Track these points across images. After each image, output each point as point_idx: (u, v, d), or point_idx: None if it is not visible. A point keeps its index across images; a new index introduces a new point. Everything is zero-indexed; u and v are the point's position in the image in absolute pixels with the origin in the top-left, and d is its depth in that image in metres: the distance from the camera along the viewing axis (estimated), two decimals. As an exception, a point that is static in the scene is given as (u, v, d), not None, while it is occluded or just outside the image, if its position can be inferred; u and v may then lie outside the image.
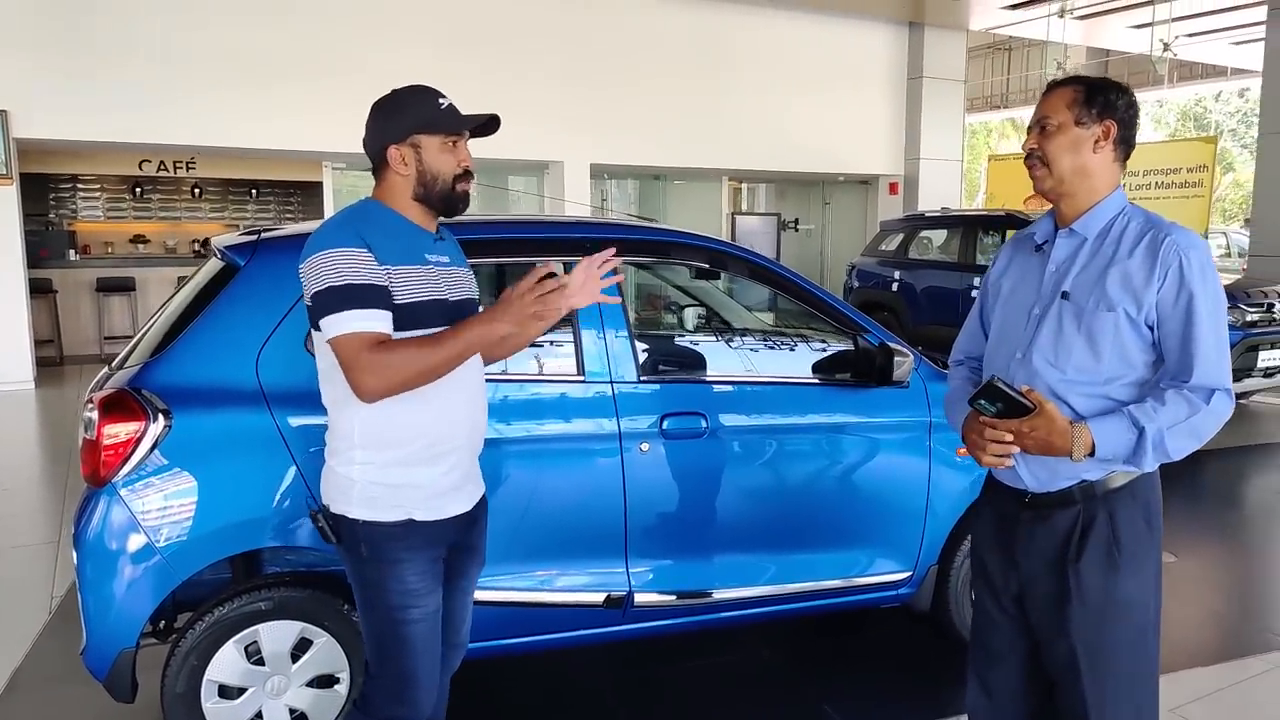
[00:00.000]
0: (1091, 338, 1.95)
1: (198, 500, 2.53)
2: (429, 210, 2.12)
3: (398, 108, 2.09)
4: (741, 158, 13.47)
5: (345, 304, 1.93)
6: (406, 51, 10.54)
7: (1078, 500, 2.00)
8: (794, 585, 3.23)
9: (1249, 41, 16.58)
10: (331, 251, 1.95)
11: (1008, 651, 2.18)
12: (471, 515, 2.24)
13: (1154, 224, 1.97)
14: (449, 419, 2.13)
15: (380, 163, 2.10)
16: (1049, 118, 1.99)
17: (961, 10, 13.80)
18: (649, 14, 12.16)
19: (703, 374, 3.37)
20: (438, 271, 2.10)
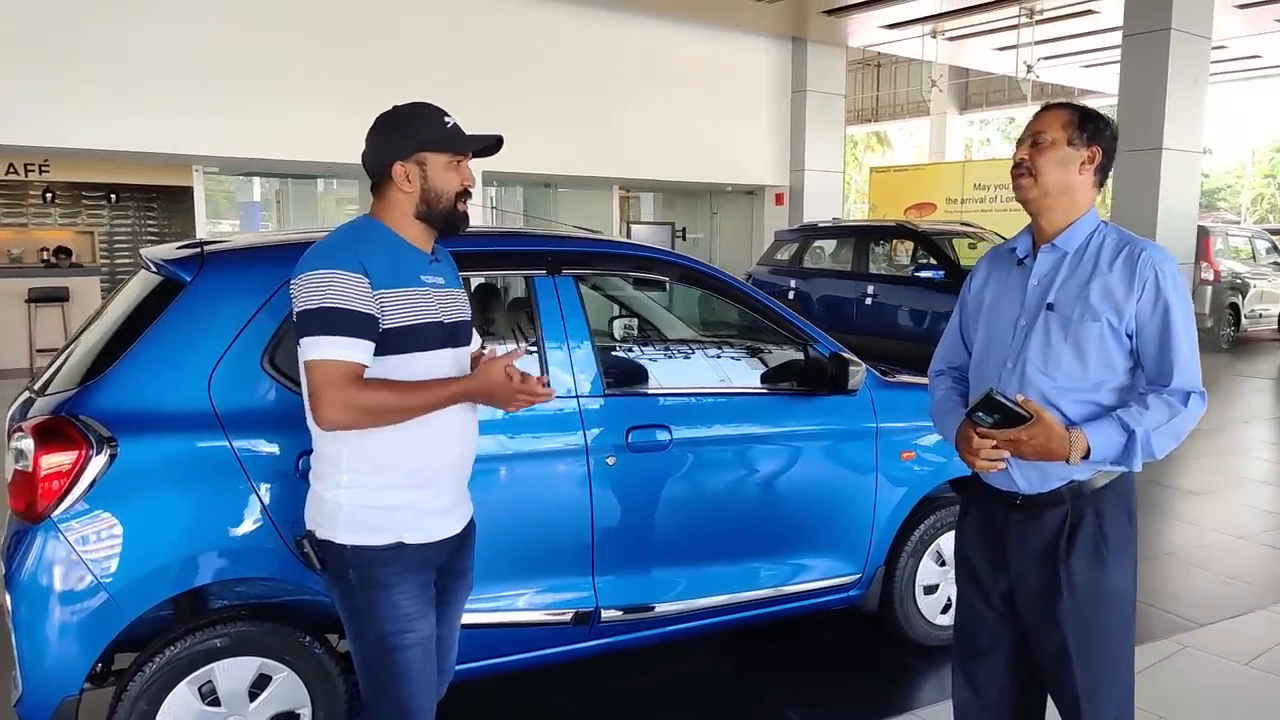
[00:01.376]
0: (1078, 346, 2.04)
1: (149, 532, 2.35)
2: (429, 229, 2.09)
3: (405, 124, 2.05)
4: (632, 167, 13.54)
5: (329, 329, 1.89)
6: (286, 51, 10.21)
7: (1066, 500, 2.09)
8: (757, 592, 3.25)
9: (1099, 65, 17.74)
10: (327, 272, 1.91)
11: (994, 647, 2.25)
12: (460, 538, 2.20)
13: (1128, 240, 2.09)
14: (439, 440, 2.08)
15: (383, 179, 2.06)
16: (1043, 133, 2.07)
17: (841, 28, 14.25)
18: (540, 22, 12.11)
19: (665, 386, 3.35)
20: (433, 293, 2.07)
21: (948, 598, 3.69)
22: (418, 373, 2.01)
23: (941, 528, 3.61)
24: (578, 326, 2.97)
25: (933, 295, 9.06)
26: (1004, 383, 2.11)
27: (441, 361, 2.07)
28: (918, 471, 3.51)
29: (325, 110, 10.38)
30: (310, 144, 10.51)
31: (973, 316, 2.28)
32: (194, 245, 2.71)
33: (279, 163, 11.37)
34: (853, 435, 3.38)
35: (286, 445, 2.49)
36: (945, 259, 9.22)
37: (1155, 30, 10.78)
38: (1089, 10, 13.39)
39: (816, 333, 3.39)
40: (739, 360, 3.75)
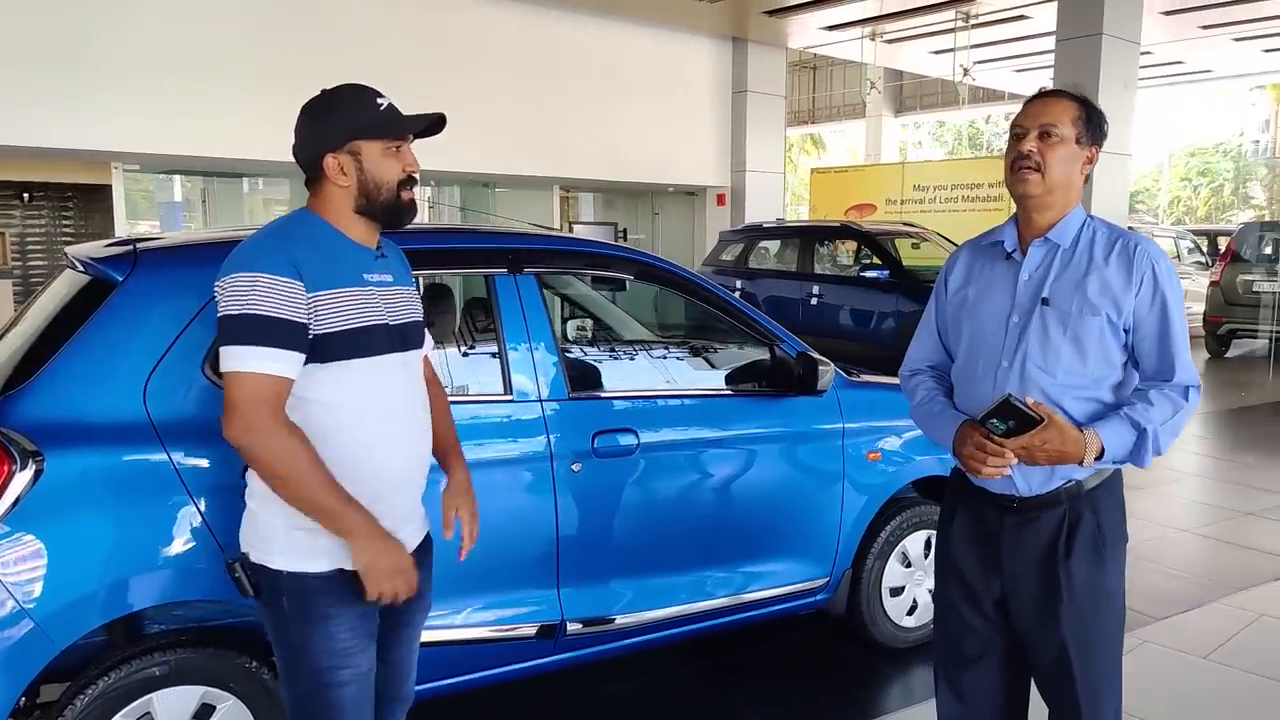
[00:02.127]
0: (1078, 341, 1.98)
1: (80, 554, 2.16)
2: (372, 223, 1.92)
3: (332, 110, 1.87)
4: (572, 166, 13.38)
5: (256, 338, 1.72)
6: (213, 45, 9.77)
7: (1064, 500, 2.03)
8: (728, 598, 3.16)
9: (1031, 69, 18.08)
10: (258, 275, 1.74)
11: (983, 654, 2.18)
12: (413, 558, 1.98)
13: (1119, 233, 2.03)
14: (388, 451, 1.91)
15: (315, 173, 1.88)
16: (1055, 126, 1.98)
17: (782, 29, 14.27)
18: (478, 18, 11.89)
19: (630, 388, 3.23)
20: (378, 293, 1.90)
21: (914, 599, 3.63)
22: (361, 382, 1.85)
23: (907, 529, 3.56)
24: (540, 327, 2.83)
25: (878, 295, 9.08)
26: (1001, 382, 2.03)
27: (388, 368, 1.90)
28: (883, 472, 3.45)
29: (254, 107, 9.99)
30: (238, 141, 10.10)
31: (954, 315, 2.19)
32: (125, 243, 2.51)
33: (204, 160, 10.95)
34: (820, 436, 3.30)
35: (230, 457, 2.27)
36: (889, 259, 9.26)
37: (1087, 35, 10.97)
38: (1022, 16, 13.59)
39: (783, 332, 3.30)
40: (703, 361, 3.65)
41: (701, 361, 3.65)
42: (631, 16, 13.22)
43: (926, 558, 3.63)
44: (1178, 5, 13.04)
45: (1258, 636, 3.86)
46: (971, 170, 13.86)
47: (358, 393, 1.85)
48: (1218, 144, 38.42)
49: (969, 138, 38.34)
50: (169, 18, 9.61)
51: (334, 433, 1.83)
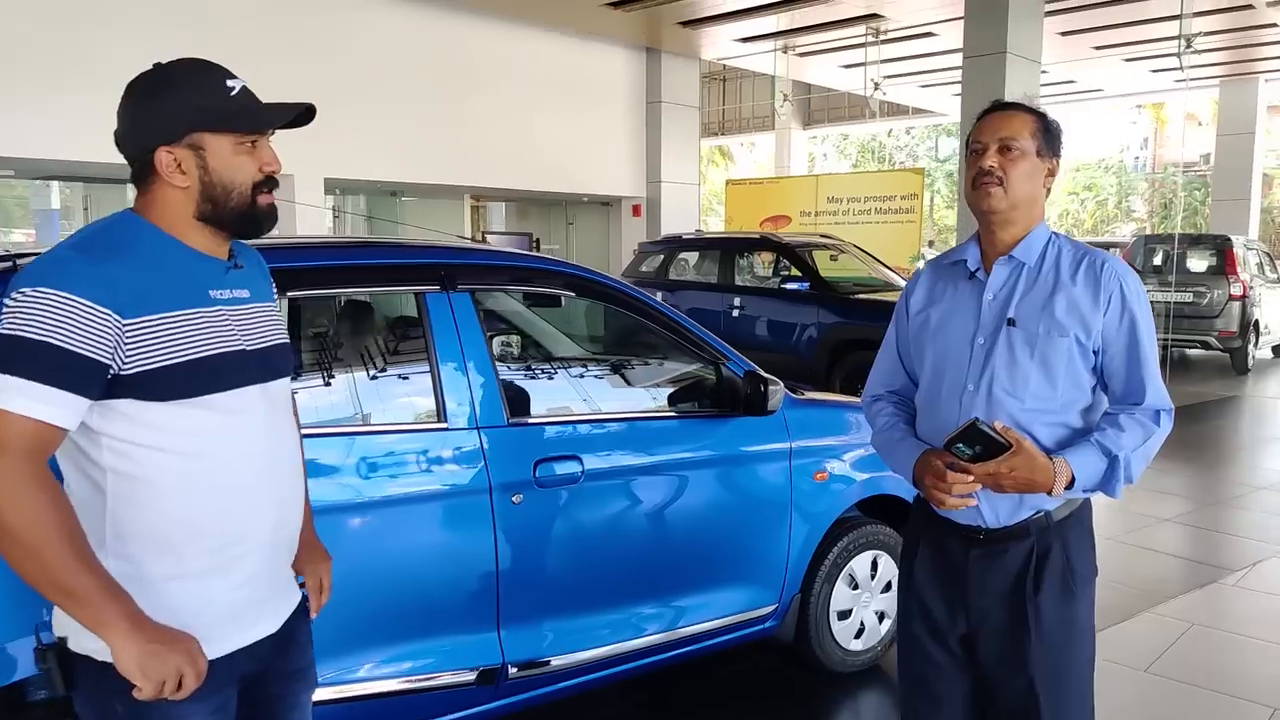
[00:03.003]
0: (1046, 364, 1.90)
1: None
2: (218, 232, 1.56)
3: (169, 93, 1.49)
4: (484, 175, 13.15)
5: (20, 367, 1.35)
6: (94, 42, 9.07)
7: (1032, 533, 1.95)
8: (680, 630, 3.02)
9: (935, 85, 18.57)
10: (52, 293, 1.37)
11: (950, 692, 2.08)
12: (286, 632, 1.67)
13: (1084, 250, 1.98)
14: (249, 505, 1.57)
15: (144, 169, 1.52)
16: (1015, 140, 1.91)
17: (695, 40, 14.32)
18: (389, 23, 11.57)
19: (572, 412, 3.07)
20: (228, 313, 1.55)
21: (861, 622, 3.55)
22: (211, 423, 1.50)
23: (853, 550, 3.48)
24: (477, 348, 2.66)
25: (798, 307, 9.07)
26: (966, 406, 1.94)
27: (248, 406, 1.55)
28: (831, 493, 3.37)
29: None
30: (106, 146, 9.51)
31: (916, 337, 2.10)
32: (4, 258, 2.21)
33: (87, 165, 10.28)
34: (769, 458, 3.20)
35: None
36: (809, 270, 9.27)
37: (992, 53, 11.26)
38: (929, 33, 13.90)
39: (729, 350, 3.19)
40: (645, 380, 3.51)
41: (644, 381, 3.51)
42: (545, 24, 13.08)
43: (873, 579, 3.56)
44: (1073, 26, 13.52)
45: (1192, 645, 3.92)
46: (884, 183, 14.13)
47: (208, 436, 1.51)
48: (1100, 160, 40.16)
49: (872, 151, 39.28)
50: (45, 13, 9.02)
51: (179, 487, 1.48)
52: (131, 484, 1.46)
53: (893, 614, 3.66)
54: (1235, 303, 11.89)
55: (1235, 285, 11.93)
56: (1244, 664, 3.76)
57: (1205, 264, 12.60)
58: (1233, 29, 13.90)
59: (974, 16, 11.43)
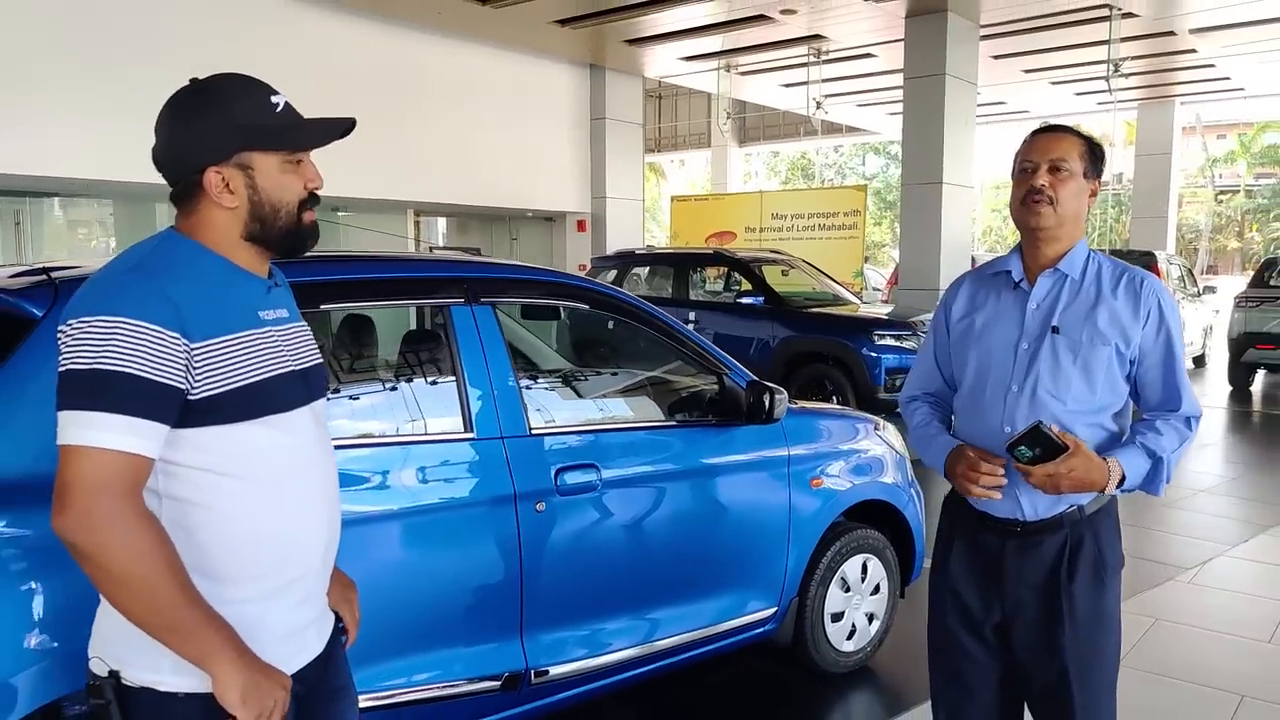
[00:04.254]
0: (1087, 369, 2.03)
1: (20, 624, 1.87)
2: (264, 252, 1.55)
3: (215, 111, 1.46)
4: (428, 190, 13.06)
5: (108, 403, 1.32)
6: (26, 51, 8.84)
7: (1065, 525, 2.07)
8: (688, 635, 3.09)
9: (871, 105, 19.04)
10: (120, 321, 1.34)
11: (984, 681, 2.18)
12: (327, 651, 1.67)
13: (1123, 267, 2.11)
14: (304, 530, 1.56)
15: (190, 189, 1.48)
16: (1064, 161, 2.03)
17: (639, 57, 14.47)
18: (327, 34, 11.43)
19: (587, 422, 3.13)
20: (275, 334, 1.54)
21: (853, 624, 3.66)
22: (273, 445, 1.50)
23: (845, 554, 3.59)
24: (499, 360, 2.70)
25: (753, 321, 9.24)
26: (1010, 406, 2.06)
27: (302, 427, 1.55)
28: (827, 498, 3.48)
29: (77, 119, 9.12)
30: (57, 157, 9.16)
31: (959, 342, 2.22)
32: (38, 273, 2.21)
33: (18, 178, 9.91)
34: (770, 465, 3.30)
35: None
36: (762, 285, 9.45)
37: (932, 75, 11.63)
38: (868, 54, 14.27)
39: (731, 362, 3.28)
40: (652, 391, 3.57)
41: (651, 392, 3.58)
42: (491, 40, 13.08)
43: (863, 582, 3.67)
44: (1006, 51, 14.02)
45: (1157, 638, 4.11)
46: (827, 199, 14.42)
47: (267, 458, 1.50)
48: (1022, 177, 41.62)
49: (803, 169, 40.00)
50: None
51: (240, 511, 1.47)
52: (192, 510, 1.44)
53: (882, 616, 3.78)
54: None
55: None
56: (1210, 655, 3.95)
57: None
58: (1154, 54, 14.54)
59: (914, 39, 11.79)
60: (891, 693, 3.66)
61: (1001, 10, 11.88)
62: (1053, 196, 2.02)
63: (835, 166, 42.42)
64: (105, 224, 13.45)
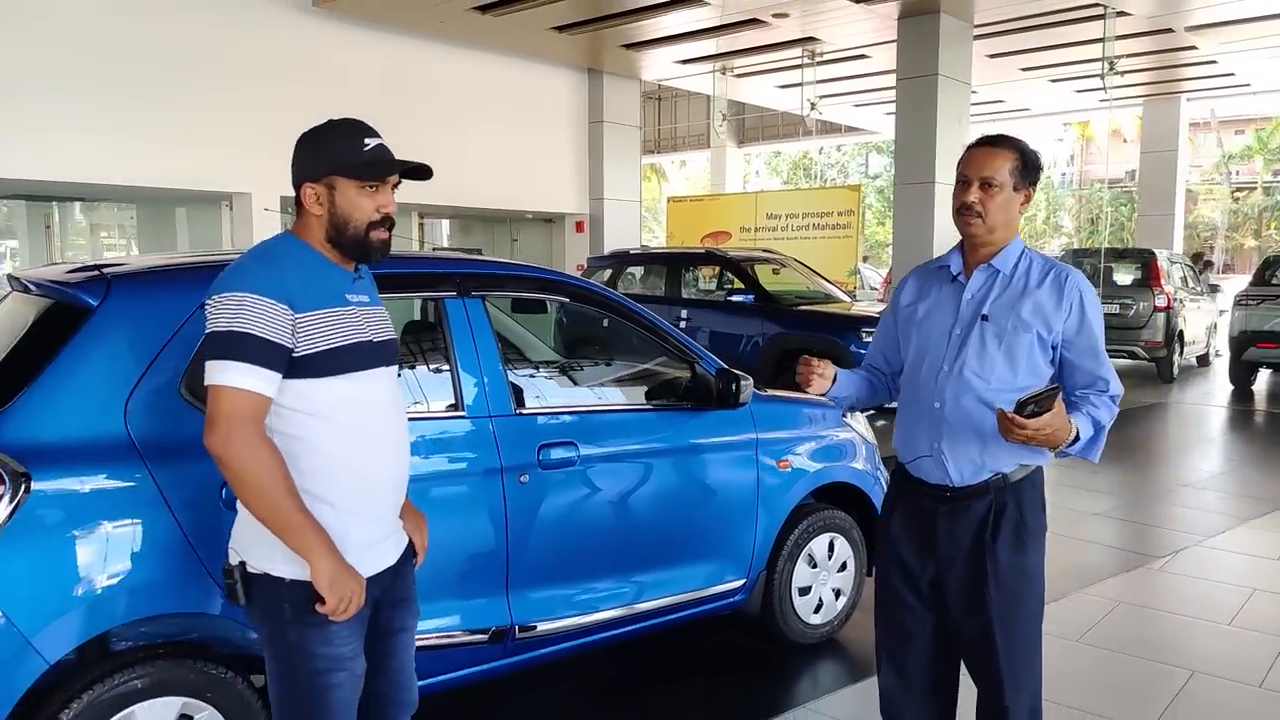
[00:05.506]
0: (1010, 354, 2.30)
1: (68, 570, 2.19)
2: (340, 252, 2.02)
3: (319, 144, 1.99)
4: (429, 192, 13.22)
5: (240, 354, 1.82)
6: (53, 61, 9.28)
7: (990, 491, 2.33)
8: (661, 600, 3.39)
9: (868, 105, 19.26)
10: (246, 295, 1.84)
11: (919, 630, 2.46)
12: (397, 566, 2.13)
13: (1051, 263, 2.37)
14: (378, 464, 2.03)
15: (297, 199, 2.01)
16: (995, 177, 2.28)
17: (636, 61, 14.74)
18: (334, 44, 11.75)
19: (566, 404, 3.42)
20: (359, 312, 2.02)
21: (819, 598, 3.94)
22: (353, 396, 1.96)
23: (812, 532, 3.87)
24: (488, 347, 3.00)
25: (744, 318, 9.52)
26: (942, 384, 2.33)
27: (376, 382, 2.02)
28: (793, 480, 3.76)
29: (101, 127, 9.59)
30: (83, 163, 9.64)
31: (904, 326, 2.51)
32: (92, 268, 2.55)
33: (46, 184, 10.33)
34: (738, 446, 3.59)
35: (209, 473, 2.35)
36: (753, 283, 9.72)
37: (925, 75, 11.85)
38: (862, 55, 14.52)
39: (703, 351, 3.58)
40: (629, 378, 3.87)
41: (628, 378, 3.87)
42: (490, 45, 13.36)
43: (830, 559, 3.95)
44: (1001, 50, 14.18)
45: (1119, 619, 4.35)
46: (821, 199, 14.67)
47: (352, 405, 1.96)
48: (1028, 176, 41.51)
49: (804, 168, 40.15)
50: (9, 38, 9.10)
51: (333, 444, 1.93)
52: (294, 443, 1.90)
53: (848, 592, 4.06)
54: (1160, 314, 12.34)
55: (1160, 297, 12.37)
56: (1166, 635, 4.19)
57: (1131, 277, 13.08)
58: (1155, 51, 14.51)
59: (907, 40, 11.96)
60: (855, 662, 3.92)
61: (995, 10, 11.97)
62: (982, 211, 2.29)
63: (838, 166, 42.56)
64: (127, 228, 13.84)
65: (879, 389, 2.62)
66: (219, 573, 2.32)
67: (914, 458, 2.42)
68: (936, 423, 2.34)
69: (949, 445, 2.31)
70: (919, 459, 2.40)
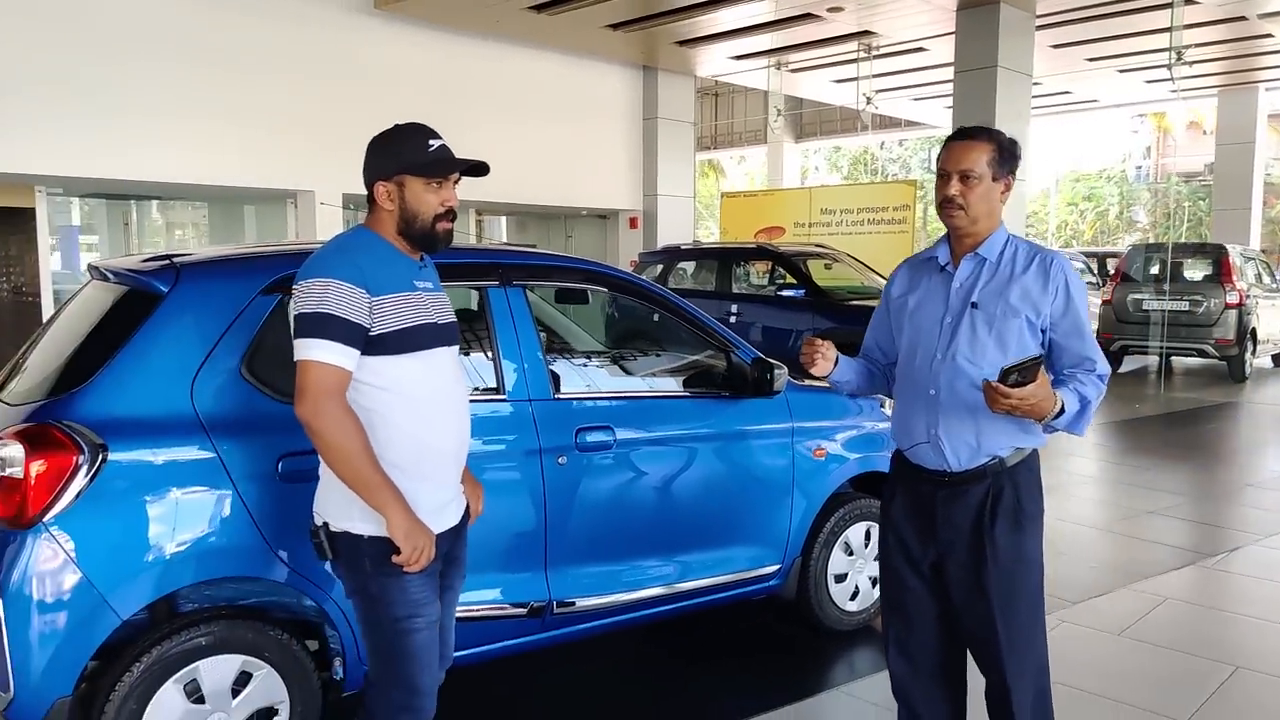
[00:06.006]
0: (1000, 339, 2.36)
1: (140, 535, 2.40)
2: (409, 243, 2.23)
3: (389, 145, 2.21)
4: (487, 190, 13.55)
5: (325, 333, 2.04)
6: (135, 71, 9.82)
7: (988, 475, 2.40)
8: (695, 582, 3.50)
9: (927, 98, 19.08)
10: (329, 281, 2.06)
11: (923, 614, 2.52)
12: (458, 527, 2.35)
13: (1036, 249, 2.44)
14: (442, 434, 2.24)
15: (370, 196, 2.22)
16: (973, 170, 2.35)
17: (691, 58, 14.83)
18: (392, 43, 12.03)
19: (605, 390, 3.55)
20: (424, 297, 2.23)
21: (856, 585, 4.02)
22: (420, 371, 2.17)
23: (848, 521, 3.94)
24: (528, 334, 3.15)
25: (794, 313, 9.57)
26: (936, 371, 2.41)
27: (440, 360, 2.23)
28: (828, 468, 3.84)
29: (177, 131, 10.09)
30: (161, 165, 10.14)
31: (896, 317, 2.58)
32: (163, 258, 2.76)
33: (128, 184, 10.86)
34: (774, 434, 3.68)
35: (267, 448, 2.57)
36: (804, 278, 9.76)
37: (983, 68, 11.73)
38: (920, 48, 14.41)
39: (738, 340, 3.68)
40: (666, 366, 3.99)
41: (665, 366, 4.00)
42: (545, 44, 13.56)
43: (866, 547, 4.02)
44: (1066, 40, 13.89)
45: (1164, 616, 4.32)
46: (876, 194, 14.57)
47: (419, 380, 2.17)
48: (1102, 170, 40.29)
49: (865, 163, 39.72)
50: (94, 45, 9.63)
51: (402, 415, 2.14)
52: (369, 414, 2.11)
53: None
54: (1231, 311, 12.02)
55: (1231, 294, 12.05)
56: (1211, 632, 4.16)
57: (1201, 273, 12.74)
58: (1228, 39, 14.11)
59: (965, 32, 11.82)
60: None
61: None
62: (963, 203, 2.36)
63: (900, 161, 41.98)
64: (199, 224, 14.39)
65: (877, 379, 2.70)
66: (276, 539, 2.52)
67: (912, 444, 2.48)
68: (932, 409, 2.41)
69: (945, 431, 2.38)
70: (916, 445, 2.46)
